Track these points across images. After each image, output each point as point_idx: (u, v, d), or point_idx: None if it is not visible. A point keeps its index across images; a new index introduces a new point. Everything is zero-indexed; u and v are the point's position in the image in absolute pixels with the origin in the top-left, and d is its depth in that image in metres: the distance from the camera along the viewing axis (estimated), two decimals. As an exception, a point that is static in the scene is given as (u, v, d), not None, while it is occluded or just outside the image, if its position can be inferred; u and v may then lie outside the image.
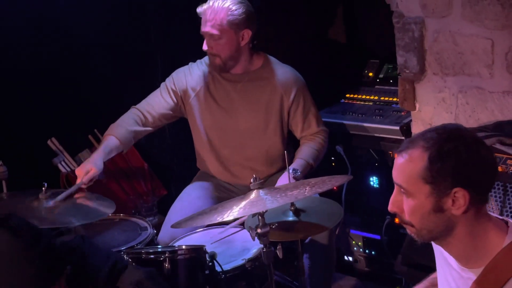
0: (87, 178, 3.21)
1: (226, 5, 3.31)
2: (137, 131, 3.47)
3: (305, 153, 3.42)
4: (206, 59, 3.53)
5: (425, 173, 1.87)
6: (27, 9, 3.66)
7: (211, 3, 3.33)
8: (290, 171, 3.21)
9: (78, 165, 3.74)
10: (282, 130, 3.50)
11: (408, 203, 1.93)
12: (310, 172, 3.40)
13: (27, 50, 3.70)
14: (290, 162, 3.34)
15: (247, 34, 3.36)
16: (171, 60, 4.11)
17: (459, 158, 1.85)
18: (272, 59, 3.54)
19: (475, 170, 1.87)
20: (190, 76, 3.52)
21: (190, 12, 3.46)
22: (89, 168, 3.24)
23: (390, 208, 1.98)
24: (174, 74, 3.55)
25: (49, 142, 3.73)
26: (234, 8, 3.31)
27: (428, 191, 1.88)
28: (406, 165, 1.91)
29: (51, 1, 3.72)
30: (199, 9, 3.36)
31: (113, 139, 3.40)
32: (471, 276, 1.93)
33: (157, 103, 3.51)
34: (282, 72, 3.50)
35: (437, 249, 2.09)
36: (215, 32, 3.31)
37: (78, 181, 3.22)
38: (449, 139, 1.88)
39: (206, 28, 3.33)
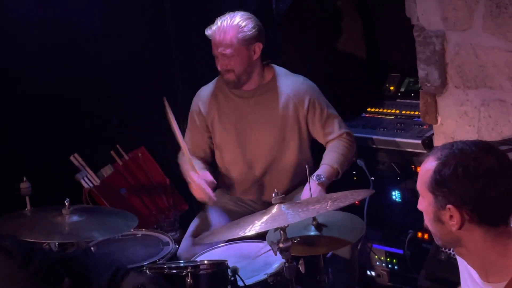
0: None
1: (235, 22, 3.31)
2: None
3: (329, 158, 3.39)
4: (213, 81, 3.55)
5: (429, 181, 1.92)
6: (51, 30, 3.73)
7: (219, 23, 3.33)
8: (314, 178, 3.22)
9: (101, 180, 3.78)
10: (300, 141, 3.47)
11: (421, 205, 1.99)
12: (337, 177, 3.37)
13: (49, 66, 3.74)
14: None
15: (258, 48, 3.37)
16: (191, 75, 4.14)
17: (455, 177, 1.87)
18: (281, 70, 3.53)
19: (473, 194, 1.85)
20: (201, 102, 3.54)
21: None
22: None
23: (418, 206, 2.02)
24: (191, 108, 3.59)
25: (71, 158, 3.76)
26: (243, 24, 3.32)
27: (430, 199, 1.93)
28: (421, 169, 1.97)
29: (75, 22, 3.80)
30: (208, 32, 3.35)
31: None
32: None
33: (198, 140, 3.57)
34: (293, 81, 3.49)
35: (462, 262, 2.07)
36: (227, 52, 3.31)
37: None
38: (456, 157, 1.89)
39: (218, 49, 3.33)
